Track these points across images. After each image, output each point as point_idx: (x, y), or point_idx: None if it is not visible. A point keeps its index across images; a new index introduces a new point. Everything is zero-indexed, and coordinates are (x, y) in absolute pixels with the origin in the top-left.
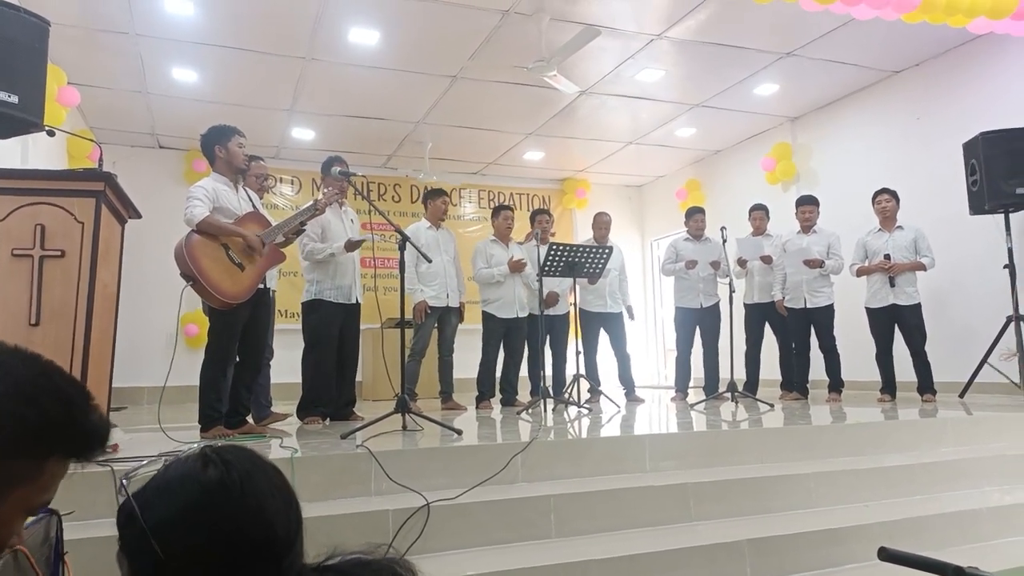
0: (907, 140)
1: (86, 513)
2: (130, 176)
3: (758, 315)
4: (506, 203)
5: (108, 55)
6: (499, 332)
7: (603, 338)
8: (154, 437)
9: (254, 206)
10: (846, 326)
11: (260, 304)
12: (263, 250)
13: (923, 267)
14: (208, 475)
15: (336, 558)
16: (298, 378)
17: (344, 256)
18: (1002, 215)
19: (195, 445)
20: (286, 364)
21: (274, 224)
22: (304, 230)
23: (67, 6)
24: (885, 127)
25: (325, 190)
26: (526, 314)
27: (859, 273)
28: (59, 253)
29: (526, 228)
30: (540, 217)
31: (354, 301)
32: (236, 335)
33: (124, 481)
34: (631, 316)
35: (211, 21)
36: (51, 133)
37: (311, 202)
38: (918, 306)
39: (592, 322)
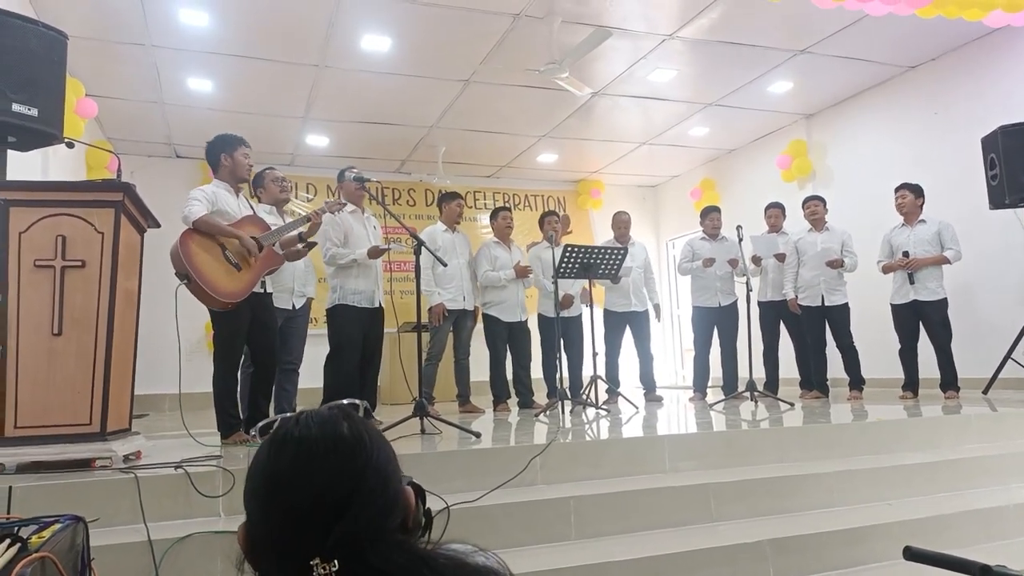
0: (924, 135)
1: (111, 520)
2: (147, 185)
3: (772, 313)
4: (505, 204)
5: (124, 66)
6: (503, 334)
7: (626, 339)
8: (176, 443)
9: (252, 211)
10: (866, 323)
11: (263, 310)
12: (258, 252)
13: (947, 260)
14: (276, 434)
15: (429, 545)
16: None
17: (367, 261)
18: (1023, 209)
19: (218, 449)
20: (317, 369)
21: (272, 229)
22: (313, 243)
23: (84, 19)
24: (902, 123)
25: (328, 200)
26: (526, 317)
27: (884, 270)
28: (80, 263)
29: (535, 228)
30: (548, 219)
31: (377, 305)
32: (241, 339)
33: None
34: (658, 316)
35: (225, 31)
36: (71, 145)
37: (309, 213)
38: (943, 302)
39: (617, 322)
